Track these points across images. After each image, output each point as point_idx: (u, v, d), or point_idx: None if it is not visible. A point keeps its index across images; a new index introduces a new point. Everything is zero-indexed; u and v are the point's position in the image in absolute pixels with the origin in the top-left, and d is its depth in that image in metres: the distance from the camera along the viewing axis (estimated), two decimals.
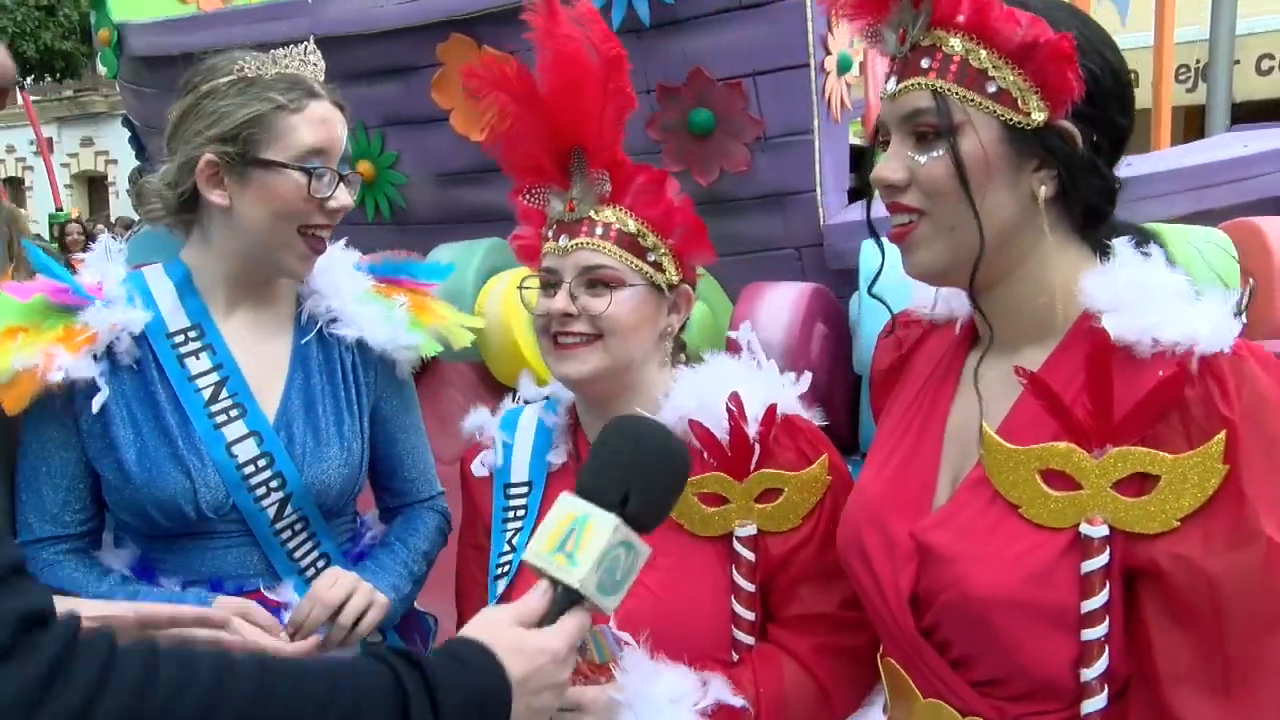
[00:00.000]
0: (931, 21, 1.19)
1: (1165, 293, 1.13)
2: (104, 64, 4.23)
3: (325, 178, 1.61)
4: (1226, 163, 3.12)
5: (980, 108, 1.17)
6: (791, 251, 3.07)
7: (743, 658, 1.50)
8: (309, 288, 1.76)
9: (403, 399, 1.86)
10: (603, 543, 1.13)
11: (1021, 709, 1.19)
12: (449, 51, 3.19)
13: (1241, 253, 2.57)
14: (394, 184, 3.54)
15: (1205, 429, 1.07)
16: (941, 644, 1.24)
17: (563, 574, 1.13)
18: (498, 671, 1.07)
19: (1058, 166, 1.18)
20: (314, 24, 3.30)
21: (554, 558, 1.14)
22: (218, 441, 1.61)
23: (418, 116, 3.35)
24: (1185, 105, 8.60)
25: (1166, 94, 5.68)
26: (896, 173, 1.21)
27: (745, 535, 1.50)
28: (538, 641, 1.11)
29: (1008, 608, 1.15)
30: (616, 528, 1.15)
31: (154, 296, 1.65)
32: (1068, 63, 1.13)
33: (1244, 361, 1.09)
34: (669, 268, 1.57)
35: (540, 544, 1.16)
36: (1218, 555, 1.06)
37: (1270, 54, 8.91)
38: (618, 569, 1.15)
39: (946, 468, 1.30)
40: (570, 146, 1.55)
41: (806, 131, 2.90)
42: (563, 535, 1.15)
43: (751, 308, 2.81)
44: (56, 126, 25.07)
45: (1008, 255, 1.21)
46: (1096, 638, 1.12)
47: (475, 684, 1.05)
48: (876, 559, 1.30)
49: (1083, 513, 1.12)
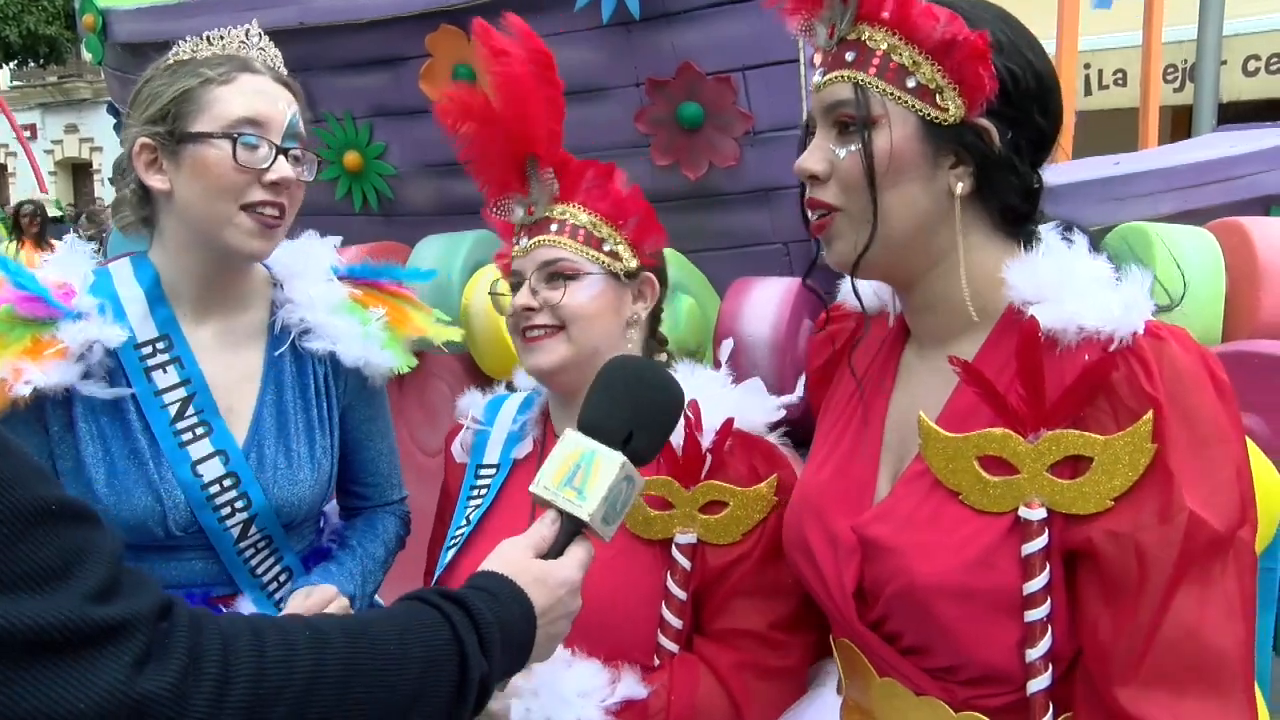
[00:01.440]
0: (857, 16, 1.22)
1: (1086, 280, 1.17)
2: (89, 50, 4.19)
3: (260, 148, 1.56)
4: (1213, 162, 3.13)
5: (899, 102, 1.20)
6: (779, 246, 3.07)
7: (662, 664, 1.50)
8: (283, 294, 1.72)
9: (372, 406, 1.84)
10: (610, 478, 1.21)
11: (972, 692, 1.22)
12: (438, 42, 3.17)
13: (1227, 252, 2.58)
14: (381, 175, 3.53)
15: (1132, 409, 1.11)
16: (891, 635, 1.27)
17: (572, 507, 1.21)
18: (526, 603, 1.13)
19: (973, 163, 1.20)
20: (302, 12, 3.28)
21: (563, 491, 1.21)
22: (183, 460, 1.58)
23: (406, 107, 3.33)
24: (1172, 105, 8.64)
25: (1154, 93, 5.69)
26: (818, 164, 1.25)
27: (684, 543, 1.51)
28: (558, 573, 1.18)
29: (951, 595, 1.18)
30: (623, 464, 1.22)
31: (123, 305, 1.60)
32: (981, 60, 1.16)
33: (1165, 343, 1.13)
34: (625, 255, 1.62)
35: (549, 478, 1.22)
36: (1149, 529, 1.09)
37: (1257, 54, 8.95)
38: (619, 501, 1.23)
39: (887, 461, 1.33)
40: (525, 155, 1.61)
41: (795, 126, 2.90)
42: (570, 470, 1.22)
43: (738, 303, 2.81)
44: (40, 113, 24.91)
45: (926, 250, 1.24)
46: (1039, 618, 1.16)
47: (509, 617, 1.10)
48: (820, 555, 1.32)
49: (1021, 497, 1.16)
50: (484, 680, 1.05)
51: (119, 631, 0.81)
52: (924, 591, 1.19)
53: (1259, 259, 2.55)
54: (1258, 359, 2.30)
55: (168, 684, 0.82)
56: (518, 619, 1.11)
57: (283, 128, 1.59)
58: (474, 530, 1.65)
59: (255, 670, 0.88)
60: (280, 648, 0.91)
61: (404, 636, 1.01)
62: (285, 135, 1.60)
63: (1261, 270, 2.55)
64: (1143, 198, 2.97)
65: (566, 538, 1.22)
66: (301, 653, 0.92)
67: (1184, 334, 1.16)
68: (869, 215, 1.22)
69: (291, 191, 1.60)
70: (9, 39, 18.99)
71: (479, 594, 1.10)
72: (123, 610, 0.82)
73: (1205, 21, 6.51)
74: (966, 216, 1.22)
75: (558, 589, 1.17)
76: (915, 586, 1.20)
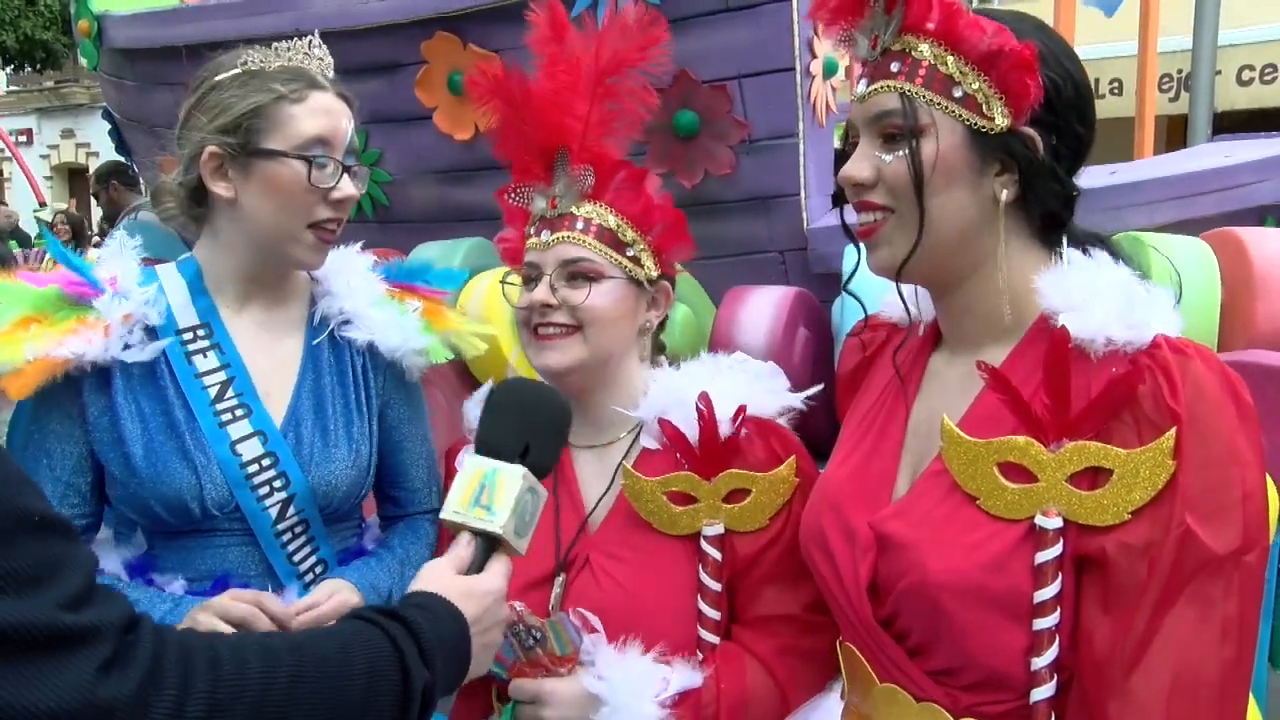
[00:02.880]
0: (902, 27, 1.23)
1: (1116, 292, 1.17)
2: (84, 55, 4.19)
3: (328, 167, 1.61)
4: (1209, 173, 3.14)
5: (946, 111, 1.21)
6: (775, 255, 3.07)
7: (706, 657, 1.50)
8: (323, 288, 1.76)
9: (411, 407, 1.84)
10: (515, 491, 1.26)
11: (974, 698, 1.22)
12: (433, 49, 3.17)
13: (1222, 262, 2.59)
14: (377, 182, 3.53)
15: (1155, 424, 1.11)
16: (899, 633, 1.27)
17: (484, 524, 1.25)
18: (458, 615, 1.18)
19: (1018, 171, 1.22)
20: (298, 19, 3.28)
21: (473, 512, 1.26)
22: (222, 440, 1.61)
23: (401, 114, 3.34)
24: (1167, 115, 8.68)
25: (1150, 103, 5.71)
26: (863, 171, 1.25)
27: (713, 534, 1.51)
28: (483, 585, 1.23)
29: (962, 594, 1.18)
30: (525, 475, 1.27)
31: (166, 293, 1.65)
32: (1029, 71, 1.17)
33: (1190, 360, 1.13)
34: (648, 263, 1.60)
35: (456, 502, 1.26)
36: (1156, 545, 1.09)
37: (1251, 65, 8.99)
38: (527, 512, 1.28)
39: (907, 461, 1.33)
40: (555, 145, 1.57)
41: (791, 135, 2.91)
42: (475, 491, 1.26)
43: (734, 311, 2.81)
44: (37, 118, 24.89)
45: (968, 256, 1.25)
46: (1047, 627, 1.15)
47: (444, 629, 1.15)
48: (837, 549, 1.32)
49: (1038, 504, 1.16)
50: (427, 689, 1.10)
51: (87, 638, 0.85)
52: (935, 588, 1.19)
53: (1254, 269, 2.56)
54: (1254, 369, 2.30)
55: (129, 690, 0.87)
56: (452, 630, 1.16)
57: (344, 144, 1.65)
58: None
59: (211, 681, 0.93)
60: (233, 662, 0.96)
61: (347, 649, 1.06)
62: (346, 152, 1.65)
63: (1257, 280, 2.55)
64: (1138, 207, 2.97)
65: (484, 555, 1.26)
66: (253, 665, 0.97)
67: (1209, 352, 1.16)
68: (916, 220, 1.23)
69: (348, 206, 1.67)
70: (6, 44, 18.99)
71: (413, 609, 1.15)
72: (92, 618, 0.86)
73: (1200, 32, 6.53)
74: (1009, 223, 1.24)
75: (485, 598, 1.22)
76: (926, 583, 1.20)
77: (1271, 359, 2.34)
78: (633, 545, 1.55)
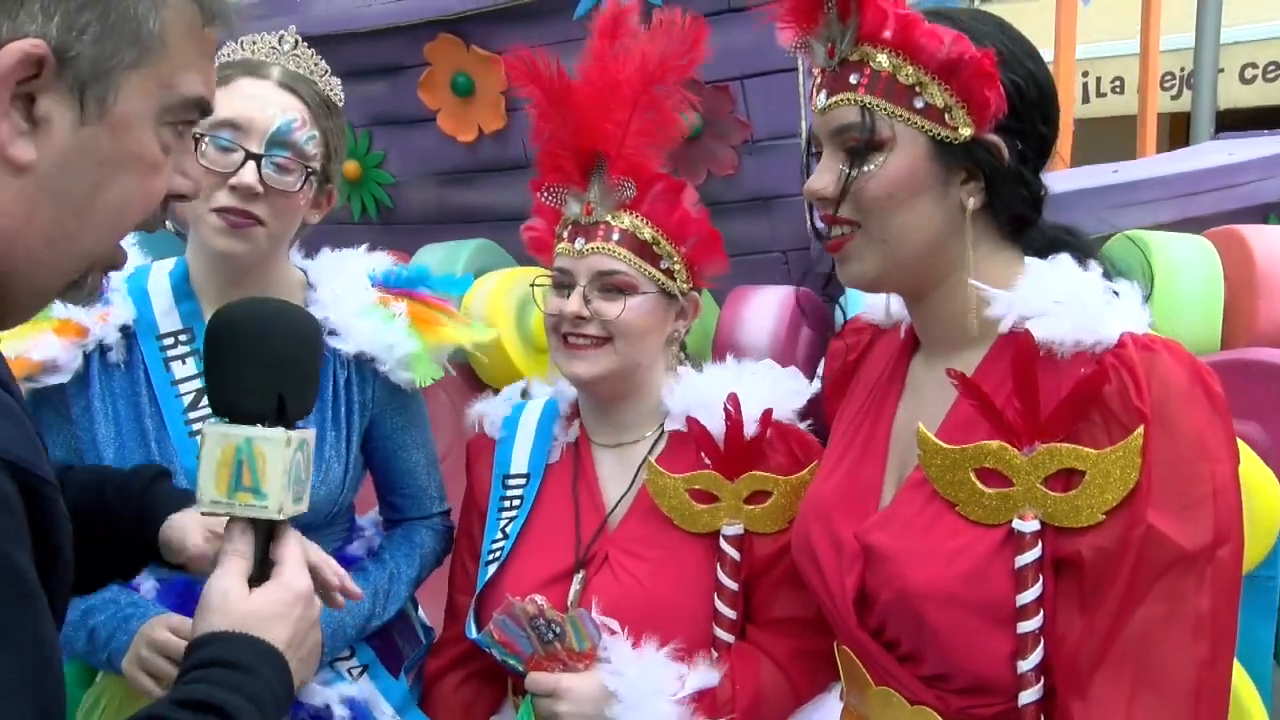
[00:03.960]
0: (859, 37, 1.22)
1: (1083, 295, 1.17)
2: None
3: (234, 153, 1.55)
4: (1212, 170, 3.14)
5: (908, 123, 1.20)
6: (778, 255, 3.07)
7: (721, 655, 1.51)
8: (311, 295, 1.73)
9: (406, 415, 1.82)
10: (282, 462, 1.03)
11: (965, 701, 1.22)
12: (437, 51, 3.17)
13: (1225, 261, 2.58)
14: (380, 184, 3.53)
15: (1123, 422, 1.11)
16: (889, 642, 1.28)
17: (255, 510, 1.04)
18: (270, 652, 1.01)
19: (984, 179, 1.21)
20: (301, 22, 3.25)
21: (237, 498, 1.04)
22: (190, 449, 1.58)
23: (405, 116, 3.34)
24: (1170, 113, 8.66)
25: (1152, 101, 5.71)
26: (828, 186, 1.24)
27: (732, 534, 1.52)
28: (285, 594, 1.05)
29: (944, 604, 1.18)
30: (288, 439, 1.04)
31: (150, 295, 1.64)
32: (989, 80, 1.16)
33: (1157, 356, 1.12)
34: (680, 276, 1.59)
35: (211, 489, 1.04)
36: (1124, 541, 1.10)
37: (1254, 62, 8.96)
38: (301, 473, 1.07)
39: (892, 469, 1.33)
40: (593, 150, 1.56)
41: (794, 135, 2.90)
42: (232, 471, 1.03)
43: (737, 311, 2.81)
44: None
45: (938, 264, 1.25)
46: (1031, 630, 1.16)
47: (263, 684, 0.99)
48: (825, 560, 1.33)
49: (1015, 509, 1.16)
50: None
51: None
52: (917, 599, 1.20)
53: (1258, 267, 2.55)
54: (1256, 367, 2.30)
55: None
56: (271, 677, 1.00)
57: (266, 134, 1.57)
58: (515, 543, 1.64)
59: None
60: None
61: None
62: (269, 142, 1.57)
63: (1260, 278, 2.55)
64: (1141, 206, 2.97)
65: (265, 542, 1.06)
66: None
67: (1177, 347, 1.16)
68: (885, 235, 1.22)
69: (270, 199, 1.58)
70: None
71: (224, 675, 0.97)
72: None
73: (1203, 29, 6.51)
74: (976, 229, 1.23)
75: (291, 611, 1.05)
76: (908, 593, 1.21)
77: (1275, 357, 2.34)
78: (652, 543, 1.56)
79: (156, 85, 0.87)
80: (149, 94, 0.86)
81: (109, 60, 0.83)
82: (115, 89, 0.84)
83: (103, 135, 0.84)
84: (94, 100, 0.83)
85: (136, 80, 0.85)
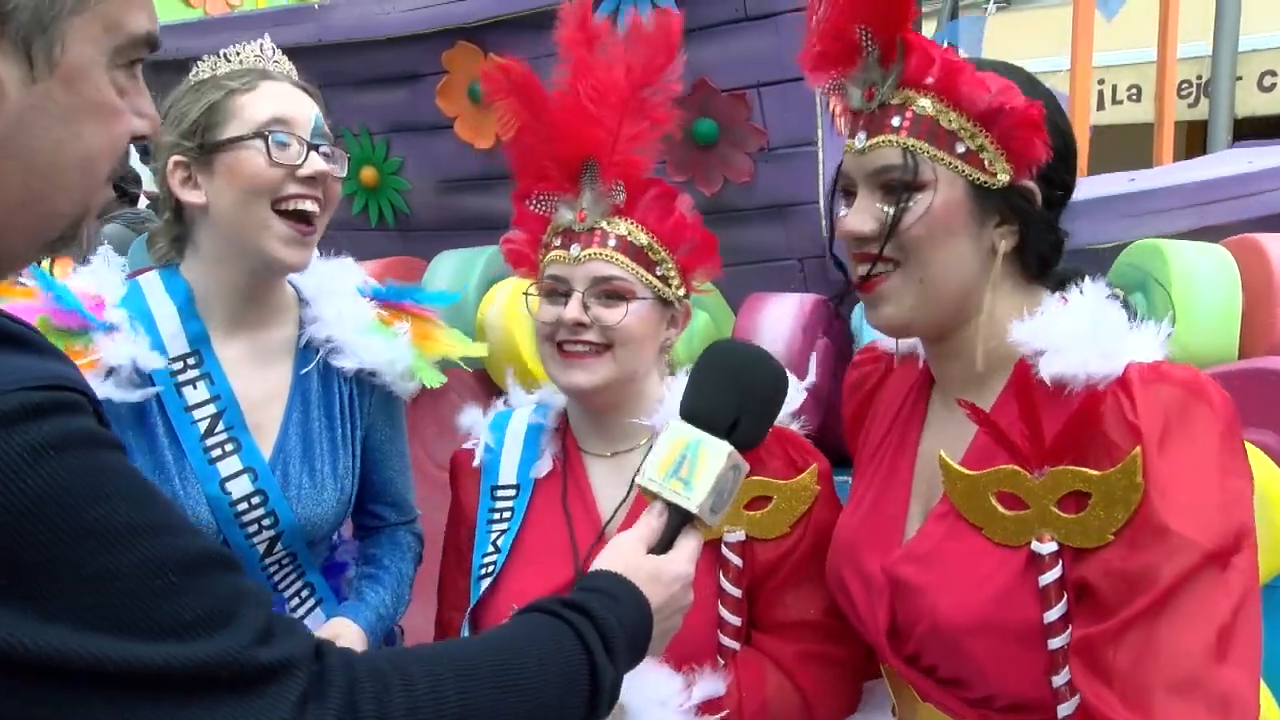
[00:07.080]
0: (901, 81, 1.23)
1: (1095, 331, 1.18)
2: None
3: (290, 146, 1.56)
4: (1229, 179, 3.13)
5: (949, 167, 1.21)
6: (794, 262, 3.08)
7: (727, 663, 1.51)
8: (311, 312, 1.72)
9: (392, 426, 1.84)
10: (717, 468, 1.18)
11: (1008, 718, 1.23)
12: (454, 59, 3.20)
13: (1243, 269, 2.58)
14: (398, 190, 3.55)
15: (1118, 442, 1.12)
16: (927, 668, 1.28)
17: (679, 499, 1.18)
18: (643, 602, 1.12)
19: (1018, 223, 1.23)
20: (321, 30, 3.31)
21: (669, 483, 1.19)
22: (212, 478, 1.58)
23: (422, 123, 3.36)
24: (1187, 120, 8.63)
25: (1169, 109, 5.69)
26: (867, 224, 1.25)
27: (733, 541, 1.51)
28: (671, 569, 1.17)
29: (976, 631, 1.19)
30: (730, 454, 1.19)
31: (155, 320, 1.61)
32: (1036, 130, 1.18)
33: (1159, 379, 1.13)
34: (674, 282, 1.58)
35: (653, 469, 1.20)
36: (1137, 557, 1.10)
37: (1272, 70, 8.92)
38: (726, 490, 1.20)
39: (917, 502, 1.34)
40: (581, 156, 1.55)
41: (810, 143, 2.91)
42: (675, 461, 1.19)
43: (753, 318, 2.82)
44: None
45: (966, 306, 1.26)
46: (1061, 646, 1.16)
47: (630, 619, 1.10)
48: (856, 594, 1.35)
49: (1032, 530, 1.17)
50: (612, 686, 1.07)
51: (282, 672, 0.82)
52: (950, 629, 1.21)
53: (1276, 276, 2.55)
54: (1274, 375, 2.30)
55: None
56: (638, 620, 1.11)
57: (309, 126, 1.60)
58: (509, 556, 1.61)
59: (409, 706, 0.89)
60: (429, 682, 0.92)
61: (543, 660, 1.01)
62: (313, 133, 1.60)
63: (1278, 287, 2.54)
64: (1158, 214, 2.96)
65: (674, 529, 1.20)
66: (449, 684, 0.93)
67: (1186, 368, 1.16)
68: (923, 274, 1.24)
69: (327, 186, 1.60)
70: None
71: (600, 598, 1.09)
72: (284, 651, 0.83)
73: (1220, 37, 6.50)
74: (1003, 270, 1.25)
75: (671, 585, 1.17)
76: (940, 624, 1.21)
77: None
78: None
79: (102, 28, 0.82)
80: (96, 38, 0.82)
81: (50, 9, 0.78)
82: (61, 38, 0.79)
83: (56, 89, 0.80)
84: (41, 53, 0.79)
85: (81, 26, 0.81)
